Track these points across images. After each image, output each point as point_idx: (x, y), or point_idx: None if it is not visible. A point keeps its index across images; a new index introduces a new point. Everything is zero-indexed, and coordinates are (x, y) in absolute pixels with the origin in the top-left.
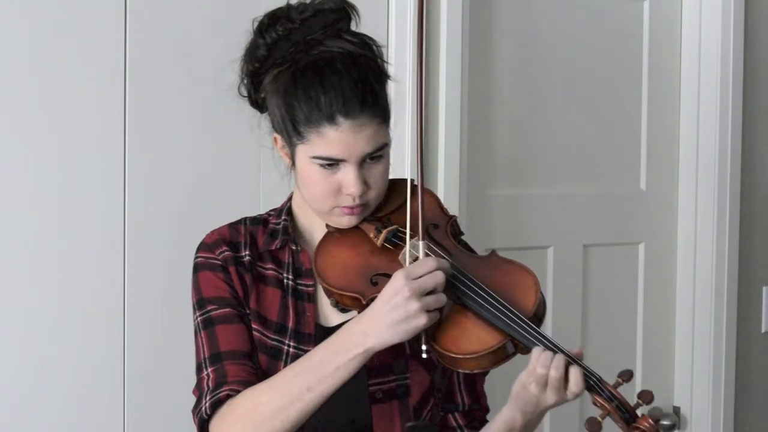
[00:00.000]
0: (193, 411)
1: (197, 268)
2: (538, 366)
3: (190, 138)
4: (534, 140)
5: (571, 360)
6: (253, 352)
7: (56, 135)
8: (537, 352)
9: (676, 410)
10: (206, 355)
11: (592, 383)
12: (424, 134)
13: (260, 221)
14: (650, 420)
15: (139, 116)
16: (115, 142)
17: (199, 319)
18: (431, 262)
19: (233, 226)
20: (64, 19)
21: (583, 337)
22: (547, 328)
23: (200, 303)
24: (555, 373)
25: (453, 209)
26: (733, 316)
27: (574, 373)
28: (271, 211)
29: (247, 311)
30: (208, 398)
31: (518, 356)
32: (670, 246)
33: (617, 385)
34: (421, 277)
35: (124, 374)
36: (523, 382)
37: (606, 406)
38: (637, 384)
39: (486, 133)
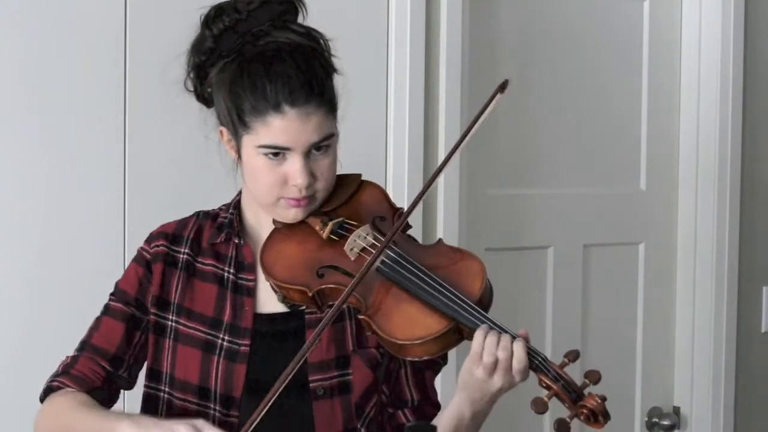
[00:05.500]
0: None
1: (135, 256)
2: (485, 352)
3: (190, 137)
4: (534, 140)
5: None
6: (122, 356)
7: (56, 135)
8: (480, 335)
9: (676, 410)
10: (83, 338)
11: (538, 363)
12: (425, 135)
13: (211, 215)
14: (597, 398)
15: (139, 116)
16: (115, 143)
17: (106, 301)
18: None
19: (183, 220)
20: (65, 19)
21: (583, 337)
22: (547, 328)
23: (114, 287)
24: (503, 354)
25: (453, 209)
26: (733, 316)
27: (517, 348)
28: (222, 205)
29: (147, 317)
30: (49, 379)
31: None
32: (670, 246)
33: (563, 365)
34: None
35: None
36: (469, 369)
37: (552, 386)
38: (638, 384)
39: (486, 133)
